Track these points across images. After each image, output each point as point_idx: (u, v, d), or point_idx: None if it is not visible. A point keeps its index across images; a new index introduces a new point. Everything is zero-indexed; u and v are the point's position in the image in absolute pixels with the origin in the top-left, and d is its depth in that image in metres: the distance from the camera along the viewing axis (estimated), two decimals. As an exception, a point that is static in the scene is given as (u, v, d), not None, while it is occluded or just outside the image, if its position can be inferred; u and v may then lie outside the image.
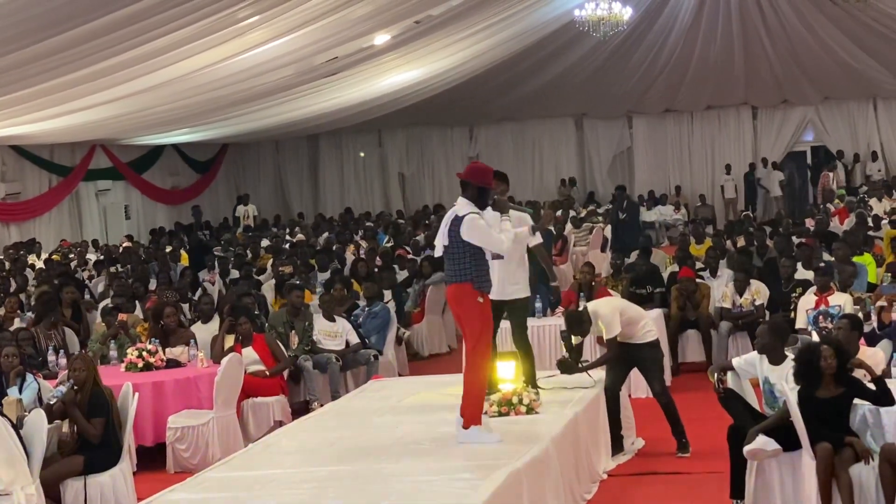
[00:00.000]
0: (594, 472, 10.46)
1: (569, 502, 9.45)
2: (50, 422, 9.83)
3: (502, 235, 9.31)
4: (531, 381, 10.78)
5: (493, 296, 9.65)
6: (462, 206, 9.26)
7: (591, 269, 15.98)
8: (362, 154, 38.17)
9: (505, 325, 11.24)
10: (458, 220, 9.18)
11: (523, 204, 31.77)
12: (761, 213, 33.06)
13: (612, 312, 11.36)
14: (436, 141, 37.79)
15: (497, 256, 9.79)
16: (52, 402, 10.24)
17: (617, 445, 11.36)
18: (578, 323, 11.44)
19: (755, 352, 9.83)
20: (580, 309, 11.71)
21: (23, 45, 14.75)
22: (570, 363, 11.42)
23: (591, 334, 12.29)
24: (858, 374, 9.04)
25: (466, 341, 9.43)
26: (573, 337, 11.64)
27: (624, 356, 11.48)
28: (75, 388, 10.15)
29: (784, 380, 9.23)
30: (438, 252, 9.48)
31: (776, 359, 9.49)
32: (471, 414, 9.23)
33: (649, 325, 11.68)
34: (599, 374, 11.45)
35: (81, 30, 14.51)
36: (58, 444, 10.09)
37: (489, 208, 9.54)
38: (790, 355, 9.62)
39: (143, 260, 23.35)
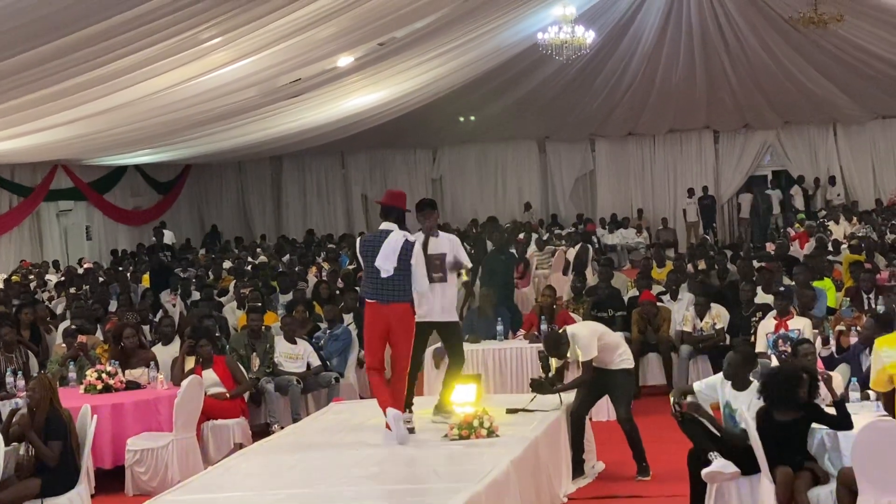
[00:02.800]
0: (554, 495, 10.46)
1: (529, 525, 9.46)
2: (7, 444, 9.76)
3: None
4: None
5: (431, 317, 10.59)
6: (397, 230, 9.91)
7: (552, 292, 16.02)
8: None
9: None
10: (409, 245, 9.83)
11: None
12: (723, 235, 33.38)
13: (590, 336, 11.37)
14: (399, 163, 37.82)
15: (441, 279, 10.51)
16: (15, 409, 10.16)
17: (578, 469, 11.36)
18: (556, 344, 11.46)
19: (716, 375, 9.88)
20: (560, 331, 11.72)
21: (-17, 65, 14.70)
22: (544, 383, 11.42)
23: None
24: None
25: (403, 355, 10.30)
26: (553, 360, 11.64)
27: (597, 381, 11.46)
28: (34, 409, 10.10)
29: (746, 405, 9.27)
30: (389, 273, 9.82)
31: (740, 385, 9.53)
32: (402, 401, 10.28)
33: (627, 352, 11.65)
34: (566, 397, 11.47)
35: (41, 50, 14.45)
36: (15, 467, 10.03)
37: (441, 233, 10.73)
38: (754, 381, 9.67)
39: (103, 281, 23.23)
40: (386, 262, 9.79)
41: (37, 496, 9.82)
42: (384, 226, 10.00)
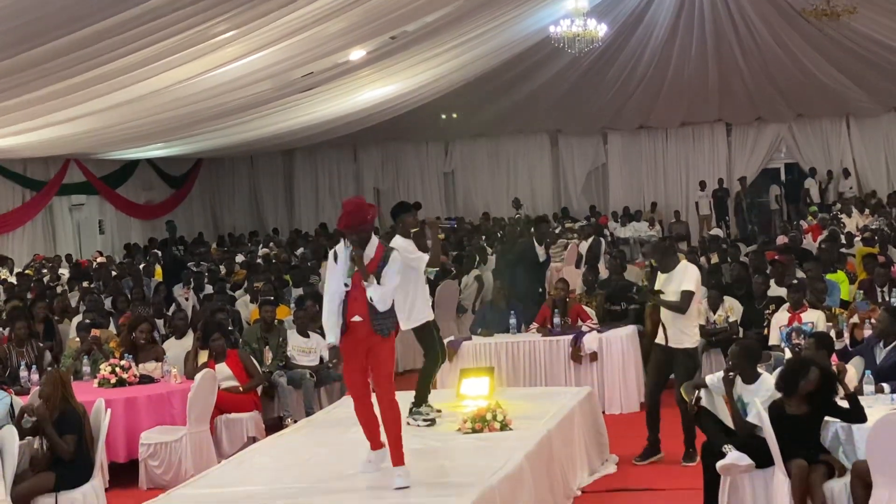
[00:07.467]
0: (568, 489, 10.45)
1: (542, 519, 9.45)
2: (21, 438, 9.79)
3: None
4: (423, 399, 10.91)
5: (427, 318, 10.59)
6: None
7: (565, 285, 15.98)
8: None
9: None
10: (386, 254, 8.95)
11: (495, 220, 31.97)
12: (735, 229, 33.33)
13: (698, 280, 11.77)
14: (411, 156, 37.80)
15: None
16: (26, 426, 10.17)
17: (655, 448, 11.76)
18: (665, 253, 11.96)
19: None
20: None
21: (-5, 59, 14.73)
22: (646, 292, 12.16)
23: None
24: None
25: (384, 378, 8.84)
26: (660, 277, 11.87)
27: (663, 361, 11.72)
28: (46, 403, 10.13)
29: (756, 396, 9.28)
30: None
31: (749, 378, 9.53)
32: (401, 454, 8.74)
33: (696, 329, 11.88)
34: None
35: (56, 44, 14.48)
36: (29, 461, 10.05)
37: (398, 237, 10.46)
38: (763, 372, 9.67)
39: (116, 275, 23.26)
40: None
41: (51, 490, 9.86)
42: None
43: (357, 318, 8.70)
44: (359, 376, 8.97)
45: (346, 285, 8.72)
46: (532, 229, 18.01)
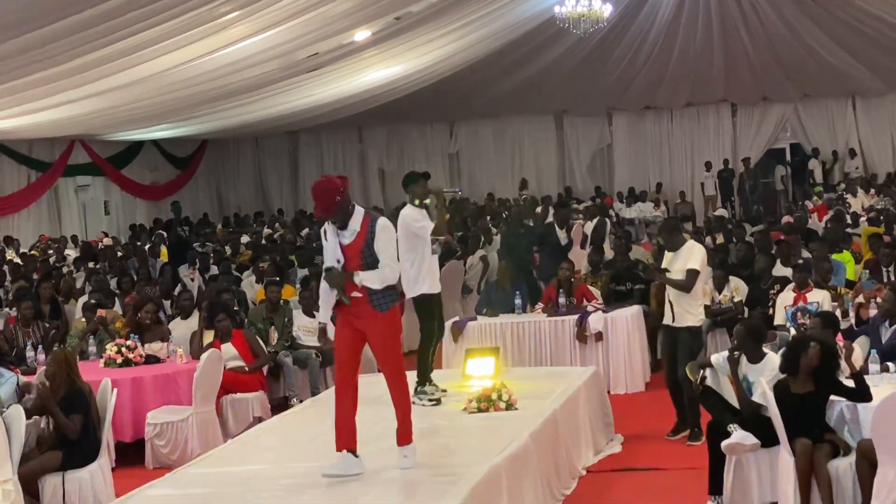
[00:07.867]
0: (573, 468, 10.47)
1: (547, 498, 9.45)
2: (28, 417, 9.81)
3: None
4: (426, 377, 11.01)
5: (431, 291, 10.75)
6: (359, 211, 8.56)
7: (570, 265, 15.98)
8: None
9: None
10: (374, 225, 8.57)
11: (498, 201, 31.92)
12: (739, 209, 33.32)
13: (704, 259, 11.75)
14: (416, 137, 37.75)
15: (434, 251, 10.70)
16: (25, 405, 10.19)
17: (683, 424, 11.71)
18: (672, 231, 12.02)
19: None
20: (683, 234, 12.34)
21: (1, 39, 14.71)
22: (650, 267, 12.31)
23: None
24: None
25: (392, 358, 8.75)
26: (666, 256, 11.91)
27: (671, 341, 11.74)
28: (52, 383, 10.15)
29: (761, 375, 9.28)
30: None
31: (754, 357, 9.53)
32: (409, 433, 8.66)
33: (698, 310, 11.77)
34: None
35: (61, 24, 14.47)
36: (36, 440, 10.08)
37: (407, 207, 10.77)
38: (768, 352, 9.68)
39: (122, 256, 23.29)
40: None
41: (58, 469, 9.87)
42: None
43: (356, 294, 8.43)
44: (345, 353, 8.67)
45: (338, 261, 8.47)
46: (537, 210, 18.07)
